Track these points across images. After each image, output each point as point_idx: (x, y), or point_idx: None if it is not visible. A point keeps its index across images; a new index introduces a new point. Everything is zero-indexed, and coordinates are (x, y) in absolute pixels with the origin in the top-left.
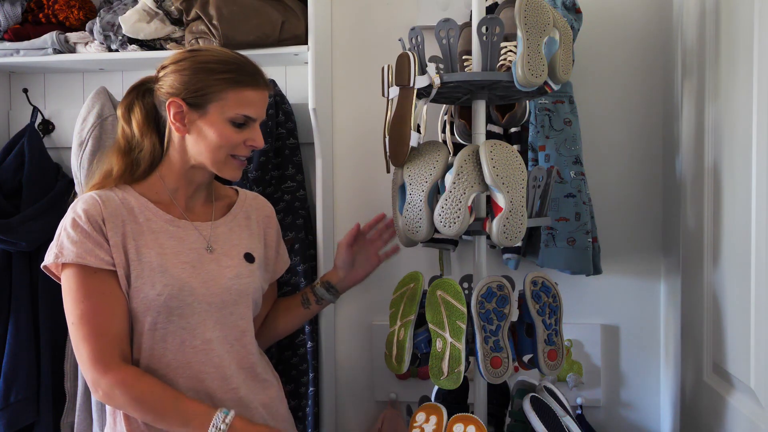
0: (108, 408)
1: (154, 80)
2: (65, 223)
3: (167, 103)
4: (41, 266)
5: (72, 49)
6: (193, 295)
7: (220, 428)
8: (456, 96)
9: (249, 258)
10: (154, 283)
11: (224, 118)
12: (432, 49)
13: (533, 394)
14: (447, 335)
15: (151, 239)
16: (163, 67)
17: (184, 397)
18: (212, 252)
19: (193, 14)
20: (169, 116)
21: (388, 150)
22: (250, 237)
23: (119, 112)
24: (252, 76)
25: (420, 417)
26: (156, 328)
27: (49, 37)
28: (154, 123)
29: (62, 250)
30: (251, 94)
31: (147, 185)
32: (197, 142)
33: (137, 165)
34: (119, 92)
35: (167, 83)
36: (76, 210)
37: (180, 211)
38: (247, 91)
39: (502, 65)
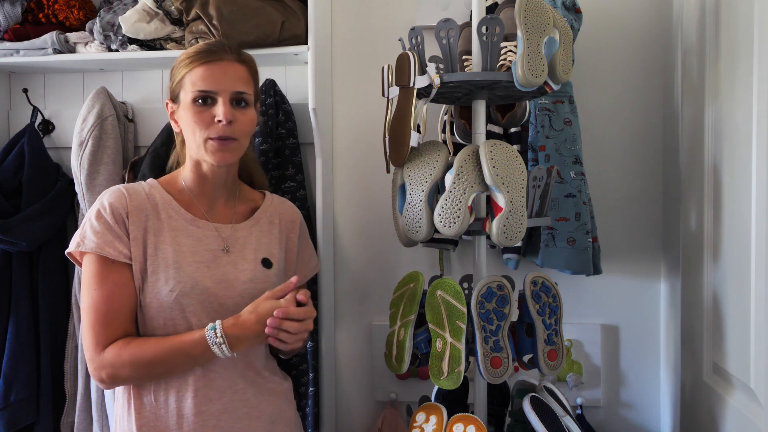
0: (114, 408)
1: None
2: (91, 213)
3: (165, 104)
4: (65, 252)
5: (72, 49)
6: (204, 294)
7: (218, 343)
8: (456, 96)
9: (266, 263)
10: (167, 279)
11: (188, 102)
12: (432, 49)
13: (533, 394)
14: (447, 335)
15: (170, 236)
16: None
17: (171, 337)
18: (229, 254)
19: (193, 14)
20: (169, 117)
21: (388, 150)
22: (271, 242)
23: None
24: (205, 54)
25: (420, 417)
26: (169, 325)
27: (49, 37)
28: None
29: (84, 239)
30: (201, 70)
31: (172, 182)
32: (185, 134)
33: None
34: (119, 92)
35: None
36: (102, 201)
37: (202, 211)
38: (198, 68)
39: (502, 65)
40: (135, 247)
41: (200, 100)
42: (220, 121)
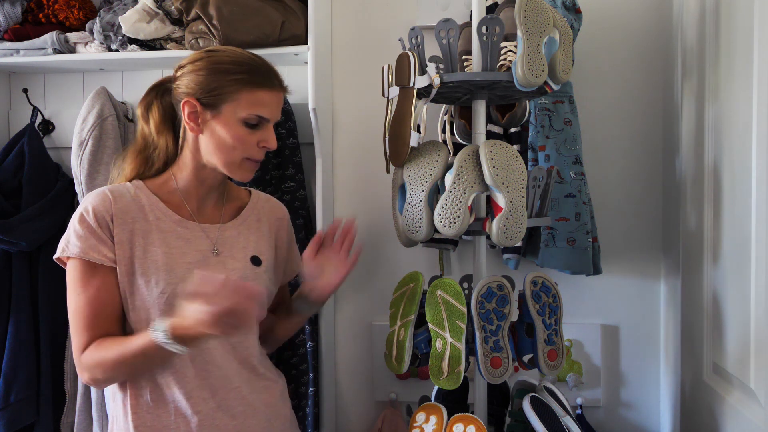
0: (111, 407)
1: (172, 80)
2: (74, 217)
3: (182, 102)
4: (54, 257)
5: (72, 49)
6: None
7: (169, 344)
8: (456, 96)
9: (256, 261)
10: (158, 281)
11: (237, 118)
12: (432, 49)
13: (533, 394)
14: (447, 335)
15: (159, 238)
16: (180, 67)
17: (127, 340)
18: (218, 255)
19: (193, 14)
20: (184, 116)
21: (388, 150)
22: (259, 240)
23: (139, 111)
24: (266, 77)
25: (420, 417)
26: None
27: (49, 37)
28: (171, 122)
29: (68, 244)
30: (264, 94)
31: (160, 183)
32: (210, 143)
33: (151, 163)
34: (119, 92)
35: (183, 83)
36: (85, 205)
37: (189, 212)
38: (260, 91)
39: (502, 65)
40: (120, 250)
41: (253, 124)
42: (265, 147)
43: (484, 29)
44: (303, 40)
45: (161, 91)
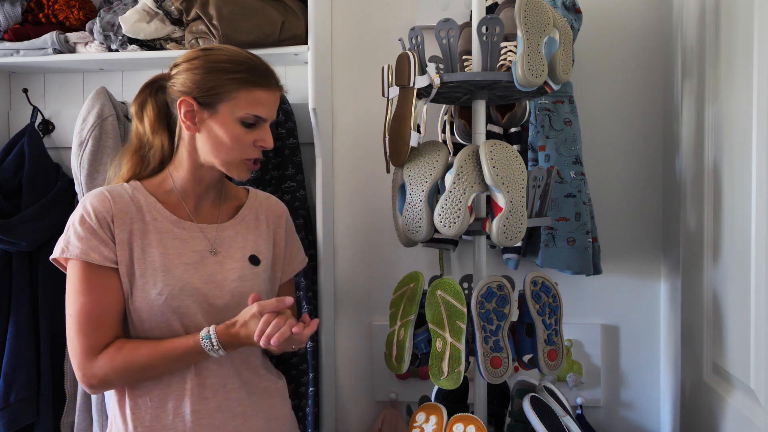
0: (110, 407)
1: (167, 78)
2: (74, 218)
3: (178, 101)
4: (50, 258)
5: (72, 49)
6: (194, 296)
7: (215, 350)
8: (456, 96)
9: (254, 260)
10: (155, 282)
11: (234, 117)
12: (432, 49)
13: (533, 394)
14: (447, 335)
15: (156, 239)
16: (175, 65)
17: (164, 343)
18: (216, 255)
19: (193, 14)
20: (180, 114)
21: (388, 150)
22: (258, 238)
23: (133, 109)
24: (264, 77)
25: (420, 417)
26: (163, 326)
27: (49, 37)
28: (166, 121)
29: (68, 245)
30: (262, 94)
31: (156, 183)
32: (207, 142)
33: (147, 163)
34: (119, 92)
35: (179, 81)
36: (85, 206)
37: (187, 212)
38: (258, 91)
39: (502, 65)
40: (121, 251)
41: (250, 123)
42: (262, 146)
43: (484, 29)
44: (303, 40)
45: (155, 89)
